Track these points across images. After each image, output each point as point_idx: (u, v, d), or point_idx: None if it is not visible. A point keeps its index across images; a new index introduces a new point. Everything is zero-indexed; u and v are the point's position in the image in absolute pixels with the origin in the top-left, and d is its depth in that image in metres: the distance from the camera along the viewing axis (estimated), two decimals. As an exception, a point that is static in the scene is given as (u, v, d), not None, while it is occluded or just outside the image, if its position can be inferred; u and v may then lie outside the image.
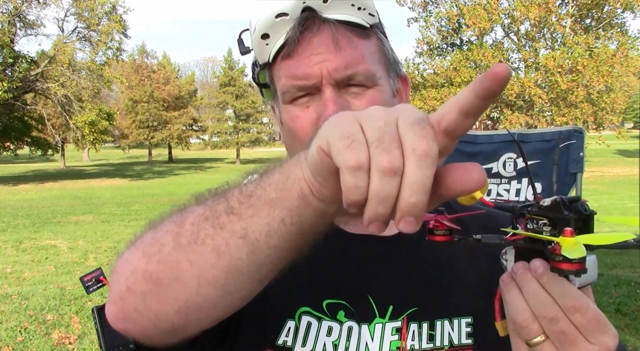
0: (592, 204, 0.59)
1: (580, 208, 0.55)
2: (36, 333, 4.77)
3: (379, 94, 0.80)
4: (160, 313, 0.59)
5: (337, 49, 0.77)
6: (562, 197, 0.57)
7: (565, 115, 20.84)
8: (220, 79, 46.43)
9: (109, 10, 27.78)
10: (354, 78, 0.79)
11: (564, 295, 0.55)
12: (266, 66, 0.84)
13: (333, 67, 0.77)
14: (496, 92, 0.41)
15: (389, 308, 0.80)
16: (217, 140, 48.18)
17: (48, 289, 6.18)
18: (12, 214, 12.67)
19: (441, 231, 0.58)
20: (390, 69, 0.85)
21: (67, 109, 25.78)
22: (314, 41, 0.77)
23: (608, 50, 20.29)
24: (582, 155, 3.70)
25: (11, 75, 24.76)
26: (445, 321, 0.80)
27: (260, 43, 0.80)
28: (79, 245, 8.83)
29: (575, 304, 0.55)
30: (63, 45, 26.20)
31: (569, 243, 0.51)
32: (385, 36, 0.86)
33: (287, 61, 0.79)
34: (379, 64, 0.82)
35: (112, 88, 35.03)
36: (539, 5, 20.78)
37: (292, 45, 0.78)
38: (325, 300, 0.81)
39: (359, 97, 0.79)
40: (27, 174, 30.30)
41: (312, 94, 0.80)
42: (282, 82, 0.81)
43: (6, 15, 24.94)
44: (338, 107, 0.76)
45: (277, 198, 0.52)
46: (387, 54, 0.85)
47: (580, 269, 0.51)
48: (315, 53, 0.77)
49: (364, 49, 0.80)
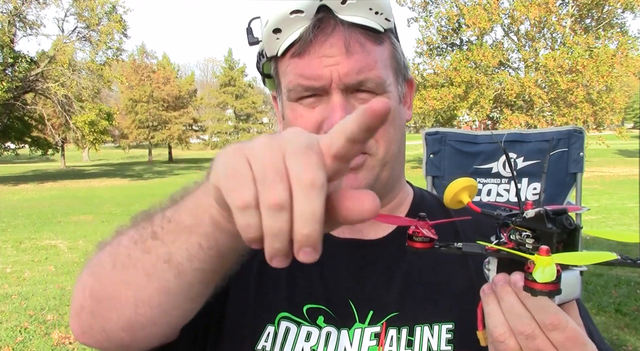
0: (592, 204, 0.58)
1: (564, 222, 0.54)
2: (36, 333, 4.77)
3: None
4: (108, 329, 0.64)
5: (349, 53, 0.76)
6: (547, 209, 0.55)
7: (565, 115, 20.83)
8: (220, 79, 46.46)
9: (109, 10, 27.78)
10: (364, 84, 0.78)
11: (542, 311, 0.54)
12: (273, 58, 0.83)
13: (344, 71, 0.76)
14: (375, 126, 0.42)
15: (369, 313, 0.79)
16: (217, 140, 48.19)
17: (48, 289, 6.18)
18: (12, 214, 12.66)
19: (420, 238, 0.57)
20: (400, 74, 0.85)
21: (67, 109, 25.78)
22: (327, 43, 0.76)
23: (608, 50, 20.27)
24: (582, 155, 3.70)
25: (11, 75, 24.77)
26: (426, 326, 0.78)
27: (271, 36, 0.78)
28: (79, 245, 8.83)
29: (553, 321, 0.53)
30: (63, 45, 26.19)
31: (543, 262, 0.49)
32: (398, 40, 0.85)
33: (297, 59, 0.78)
34: (389, 70, 0.81)
35: (112, 88, 35.04)
36: (539, 5, 20.76)
37: (304, 44, 0.76)
38: (305, 304, 0.81)
39: (366, 104, 0.78)
40: (27, 174, 30.30)
41: (319, 95, 0.79)
42: (289, 79, 0.80)
43: (6, 15, 24.94)
44: (345, 113, 0.75)
45: (192, 225, 0.53)
46: (399, 59, 0.84)
47: (553, 290, 0.49)
48: (328, 55, 0.76)
49: (377, 54, 0.79)
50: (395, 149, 0.84)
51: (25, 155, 42.62)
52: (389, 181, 0.87)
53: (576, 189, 3.79)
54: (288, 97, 0.82)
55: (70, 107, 25.76)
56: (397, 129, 0.84)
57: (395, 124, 0.83)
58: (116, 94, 45.56)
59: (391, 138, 0.82)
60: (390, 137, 0.82)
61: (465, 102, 21.44)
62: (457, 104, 21.91)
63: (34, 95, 27.26)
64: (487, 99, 21.32)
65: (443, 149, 3.32)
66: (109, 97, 43.25)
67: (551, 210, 0.54)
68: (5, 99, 23.30)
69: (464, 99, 21.37)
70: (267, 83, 0.91)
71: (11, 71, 25.00)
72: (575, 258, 0.50)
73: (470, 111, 22.42)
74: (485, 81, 21.51)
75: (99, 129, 26.54)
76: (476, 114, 22.18)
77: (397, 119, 0.84)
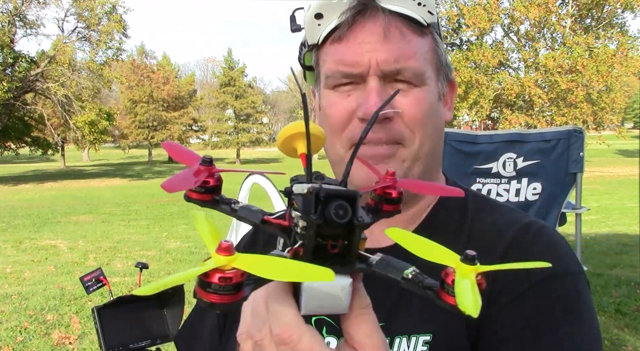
0: (592, 204, 0.54)
1: (332, 212, 0.39)
2: (36, 333, 4.77)
3: (425, 94, 0.78)
4: None
5: (388, 39, 0.74)
6: (328, 187, 0.40)
7: (565, 115, 20.84)
8: (220, 79, 46.43)
9: (109, 10, 27.81)
10: (402, 73, 0.75)
11: (275, 320, 0.44)
12: (314, 47, 0.82)
13: (382, 58, 0.74)
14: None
15: None
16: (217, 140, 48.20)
17: (48, 289, 6.18)
18: (12, 214, 12.67)
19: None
20: (441, 72, 0.82)
21: (67, 109, 25.79)
22: (366, 28, 0.75)
23: (608, 50, 20.28)
24: (582, 155, 3.70)
25: (11, 75, 24.78)
26: (404, 338, 0.75)
27: (313, 22, 0.77)
28: (79, 245, 8.83)
29: (281, 333, 0.43)
30: (63, 46, 26.20)
31: (220, 261, 0.36)
32: (440, 38, 0.82)
33: (337, 44, 0.77)
34: (429, 63, 0.79)
35: (112, 88, 35.05)
36: (539, 5, 20.77)
37: (344, 29, 0.75)
38: (313, 316, 0.81)
39: (404, 94, 0.76)
40: (27, 174, 30.30)
41: (356, 83, 0.77)
42: (327, 65, 0.79)
43: (6, 15, 24.94)
44: (381, 99, 0.73)
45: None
46: (440, 56, 0.81)
47: (217, 303, 0.36)
48: (367, 41, 0.75)
49: (417, 45, 0.77)
50: (429, 146, 0.80)
51: (25, 155, 42.63)
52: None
53: (576, 189, 3.79)
54: (325, 84, 0.81)
55: (70, 107, 25.77)
56: (434, 126, 0.81)
57: (432, 120, 0.80)
58: (116, 94, 45.58)
59: (427, 133, 0.79)
60: (427, 132, 0.79)
61: (465, 102, 21.43)
62: (457, 104, 21.90)
63: (34, 95, 27.27)
64: (487, 99, 21.32)
65: (443, 149, 3.33)
66: (109, 97, 43.30)
67: (334, 190, 0.39)
68: (5, 99, 23.30)
69: (464, 99, 21.35)
70: (307, 77, 0.89)
71: (11, 71, 25.02)
72: (264, 264, 0.37)
73: (470, 111, 22.41)
74: (485, 81, 21.52)
75: (98, 129, 26.56)
76: (476, 114, 22.17)
77: (435, 116, 0.81)
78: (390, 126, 0.76)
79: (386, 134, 0.76)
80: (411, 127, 0.77)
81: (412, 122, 0.77)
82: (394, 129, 0.76)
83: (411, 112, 0.76)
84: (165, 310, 1.76)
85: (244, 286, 0.38)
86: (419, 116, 0.77)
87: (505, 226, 0.79)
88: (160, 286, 0.34)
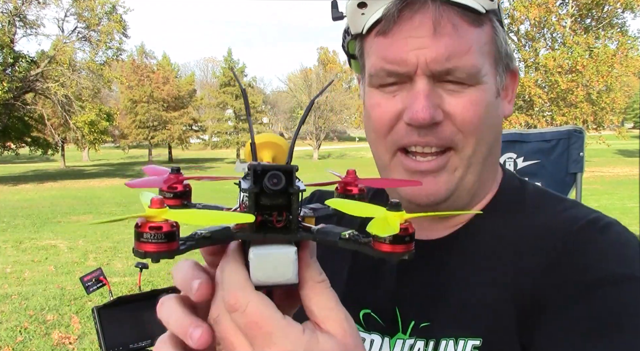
0: (592, 204, 0.53)
1: (267, 181, 0.41)
2: (36, 333, 4.77)
3: (480, 94, 0.70)
4: None
5: (439, 34, 0.66)
6: (265, 163, 0.43)
7: (565, 115, 20.84)
8: (220, 79, 46.48)
9: (109, 10, 27.82)
10: (454, 73, 0.68)
11: (225, 289, 0.42)
12: (358, 36, 0.75)
13: (432, 56, 0.66)
14: None
15: (411, 323, 0.73)
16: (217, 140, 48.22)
17: (48, 289, 6.18)
18: (12, 214, 12.66)
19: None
20: (500, 63, 0.74)
21: (67, 109, 25.80)
22: (414, 21, 0.67)
23: (608, 50, 20.29)
24: (582, 155, 3.69)
25: (11, 75, 24.78)
26: (451, 341, 0.69)
27: (356, 12, 0.71)
28: (79, 245, 8.83)
29: (230, 300, 0.41)
30: (63, 46, 26.20)
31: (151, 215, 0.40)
32: (501, 24, 0.74)
33: (382, 38, 0.70)
34: (487, 57, 0.71)
35: (112, 88, 35.06)
36: (539, 5, 20.77)
37: (389, 21, 0.68)
38: (362, 309, 0.78)
39: (455, 95, 0.69)
40: (27, 174, 30.29)
41: (402, 82, 0.70)
42: (371, 61, 0.72)
43: (6, 15, 24.94)
44: (429, 102, 0.67)
45: None
46: (500, 46, 0.73)
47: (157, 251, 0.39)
48: (415, 36, 0.67)
49: (473, 38, 0.68)
50: (484, 150, 0.73)
51: (25, 155, 42.61)
52: (474, 188, 0.76)
53: (576, 189, 3.78)
54: (369, 82, 0.74)
55: (70, 107, 25.78)
56: (489, 128, 0.73)
57: (489, 122, 0.72)
58: (116, 94, 45.59)
59: (483, 137, 0.72)
60: (482, 136, 0.72)
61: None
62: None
63: (34, 95, 27.27)
64: (487, 99, 21.34)
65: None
66: (109, 97, 43.30)
67: (271, 165, 0.42)
68: (5, 99, 23.31)
69: (464, 99, 21.36)
70: (352, 65, 0.83)
71: (11, 71, 25.02)
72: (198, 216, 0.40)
73: (470, 111, 22.42)
74: (485, 81, 21.53)
75: (98, 129, 26.56)
76: (476, 114, 22.18)
77: (492, 116, 0.73)
78: (440, 130, 0.70)
79: (435, 139, 0.70)
80: (464, 131, 0.70)
81: (465, 126, 0.70)
82: (444, 134, 0.70)
83: (464, 115, 0.69)
84: (165, 310, 1.76)
85: (177, 238, 0.40)
86: (473, 120, 0.70)
87: (566, 222, 0.71)
88: (105, 222, 0.41)
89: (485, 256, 0.74)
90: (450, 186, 0.73)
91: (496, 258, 0.72)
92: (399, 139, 0.72)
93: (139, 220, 0.40)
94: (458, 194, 0.74)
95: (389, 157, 0.74)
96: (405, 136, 0.71)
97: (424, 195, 0.73)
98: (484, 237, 0.76)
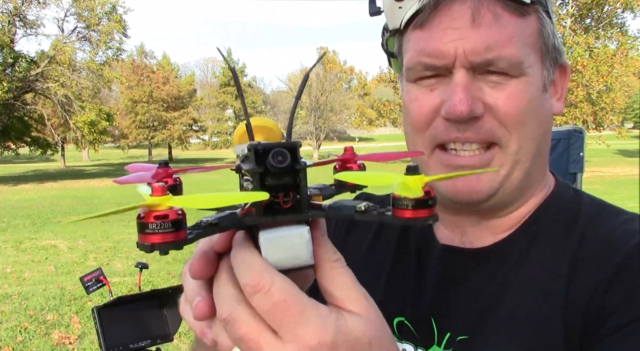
0: None
1: (272, 160, 0.39)
2: (36, 333, 4.77)
3: (523, 87, 0.66)
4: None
5: (478, 24, 0.63)
6: (263, 142, 0.41)
7: (565, 115, 20.84)
8: (220, 79, 46.50)
9: (109, 10, 27.82)
10: (495, 64, 0.64)
11: (243, 271, 0.39)
12: (397, 32, 0.72)
13: (470, 47, 0.63)
14: None
15: (447, 335, 0.70)
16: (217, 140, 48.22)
17: (48, 289, 6.18)
18: (12, 214, 12.66)
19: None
20: (547, 57, 0.69)
21: (67, 109, 25.80)
22: (452, 11, 0.64)
23: (608, 50, 20.30)
24: (582, 155, 3.69)
25: (11, 75, 24.78)
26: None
27: (393, 5, 0.68)
28: (79, 245, 8.82)
29: (249, 281, 0.38)
30: (63, 46, 26.21)
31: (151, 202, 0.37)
32: (549, 16, 0.69)
33: (419, 31, 0.67)
34: (531, 49, 0.66)
35: (112, 88, 35.07)
36: (539, 5, 20.77)
37: (426, 13, 0.65)
38: (396, 317, 0.74)
39: (497, 87, 0.65)
40: (27, 174, 30.28)
41: (441, 75, 0.67)
42: (409, 55, 0.69)
43: (6, 15, 24.94)
44: (468, 95, 0.64)
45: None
46: (547, 38, 0.68)
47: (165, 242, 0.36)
48: (453, 27, 0.64)
49: (516, 28, 0.64)
50: (531, 146, 0.68)
51: (25, 155, 42.61)
52: (520, 187, 0.71)
53: (576, 189, 3.79)
54: (407, 77, 0.71)
55: (70, 107, 25.78)
56: (536, 123, 0.68)
57: (535, 116, 0.68)
58: (116, 94, 45.60)
59: (528, 132, 0.67)
60: (528, 131, 0.67)
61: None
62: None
63: (34, 95, 27.27)
64: (487, 99, 21.36)
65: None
66: (109, 98, 43.30)
67: (272, 143, 0.40)
68: (5, 99, 23.31)
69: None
70: (392, 64, 0.79)
71: (11, 71, 25.02)
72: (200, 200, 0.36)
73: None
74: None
75: (98, 129, 26.56)
76: (476, 114, 22.20)
77: (539, 111, 0.69)
78: (479, 124, 0.66)
79: (475, 134, 0.66)
80: (507, 125, 0.66)
81: (508, 119, 0.66)
82: (485, 128, 0.66)
83: (506, 108, 0.65)
84: (165, 310, 1.76)
85: (184, 227, 0.37)
86: (517, 113, 0.66)
87: (625, 235, 0.65)
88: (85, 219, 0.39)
89: (536, 267, 0.69)
90: (494, 184, 0.68)
91: (547, 270, 0.67)
92: (438, 135, 0.69)
93: (141, 210, 0.36)
94: (502, 193, 0.70)
95: (427, 154, 0.71)
96: (444, 132, 0.68)
97: (466, 192, 0.69)
98: (535, 246, 0.71)
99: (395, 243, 0.82)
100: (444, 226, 0.78)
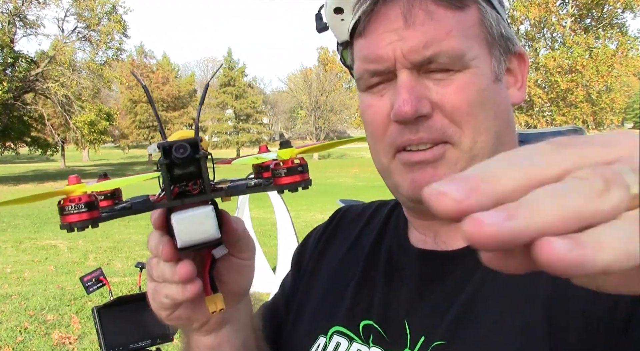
0: None
1: (175, 153, 0.47)
2: (36, 333, 4.77)
3: (470, 79, 0.64)
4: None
5: (412, 24, 0.63)
6: (169, 141, 0.49)
7: (565, 115, 20.86)
8: (220, 79, 46.48)
9: (109, 11, 27.82)
10: (436, 60, 0.63)
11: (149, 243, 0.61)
12: (347, 44, 0.72)
13: (408, 46, 0.63)
14: None
15: (421, 339, 0.67)
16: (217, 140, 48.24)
17: (48, 289, 6.18)
18: (12, 214, 12.66)
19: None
20: (495, 46, 0.68)
21: (67, 109, 25.80)
22: (388, 15, 0.64)
23: (608, 50, 20.32)
24: (582, 155, 3.70)
25: (11, 75, 24.78)
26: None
27: (335, 19, 0.68)
28: (79, 245, 8.83)
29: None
30: (63, 46, 26.22)
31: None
32: (493, 6, 0.68)
33: (361, 39, 0.67)
34: (475, 40, 0.65)
35: (112, 88, 35.08)
36: (539, 5, 20.79)
37: (364, 21, 0.65)
38: (363, 320, 0.73)
39: (442, 83, 0.65)
40: (27, 174, 30.28)
41: (387, 80, 0.67)
42: (356, 65, 0.70)
43: (6, 15, 24.95)
44: (412, 95, 0.63)
45: None
46: (491, 27, 0.67)
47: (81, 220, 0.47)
48: (389, 30, 0.64)
49: (453, 22, 0.64)
50: (488, 140, 0.66)
51: (25, 155, 42.63)
52: None
53: (576, 189, 3.79)
54: (358, 87, 0.71)
55: (70, 107, 25.79)
56: (490, 115, 0.66)
57: (488, 107, 0.66)
58: (116, 94, 45.62)
59: (482, 125, 0.66)
60: (481, 125, 0.65)
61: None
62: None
63: (34, 95, 27.28)
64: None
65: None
66: (109, 97, 43.31)
67: (177, 140, 0.48)
68: (5, 99, 23.31)
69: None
70: (353, 76, 0.78)
71: (11, 71, 25.02)
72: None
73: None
74: (485, 80, 21.56)
75: (98, 129, 26.56)
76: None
77: (491, 102, 0.67)
78: (429, 124, 0.65)
79: (428, 134, 0.65)
80: (457, 121, 0.65)
81: (457, 114, 0.65)
82: (435, 127, 0.65)
83: (453, 102, 0.64)
84: (165, 310, 1.76)
85: (97, 207, 0.48)
86: (465, 106, 0.64)
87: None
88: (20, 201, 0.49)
89: None
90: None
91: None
92: (394, 140, 0.68)
93: (60, 199, 0.46)
94: None
95: (388, 160, 0.70)
96: (398, 136, 0.67)
97: (423, 187, 0.65)
98: None
99: (367, 250, 0.81)
100: (416, 230, 0.77)
